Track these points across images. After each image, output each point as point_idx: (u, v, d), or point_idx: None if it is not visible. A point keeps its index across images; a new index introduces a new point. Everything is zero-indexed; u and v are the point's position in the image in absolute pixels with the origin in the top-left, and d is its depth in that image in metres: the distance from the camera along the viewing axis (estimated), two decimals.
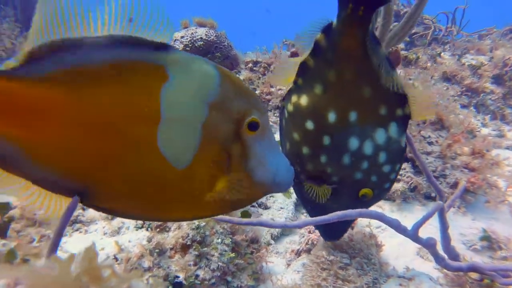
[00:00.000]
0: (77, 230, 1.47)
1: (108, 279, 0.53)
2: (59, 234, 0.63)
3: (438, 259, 1.47)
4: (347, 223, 1.44)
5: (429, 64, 4.68)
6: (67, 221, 0.63)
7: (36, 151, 0.55)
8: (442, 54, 5.11)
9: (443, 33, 5.66)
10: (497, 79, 4.56)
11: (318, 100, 1.06)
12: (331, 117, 1.06)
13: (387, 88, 1.03)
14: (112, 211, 0.68)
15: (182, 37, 3.57)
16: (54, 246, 0.74)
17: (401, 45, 5.69)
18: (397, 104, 1.05)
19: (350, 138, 1.07)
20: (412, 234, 1.41)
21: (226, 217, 1.23)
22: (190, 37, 3.52)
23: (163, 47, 0.61)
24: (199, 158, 0.63)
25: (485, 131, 3.94)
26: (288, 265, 1.87)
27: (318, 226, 1.50)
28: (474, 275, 1.50)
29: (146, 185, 0.62)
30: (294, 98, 1.11)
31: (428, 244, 1.44)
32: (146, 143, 0.59)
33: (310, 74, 1.07)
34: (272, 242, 2.07)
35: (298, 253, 1.90)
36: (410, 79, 3.00)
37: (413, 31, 5.79)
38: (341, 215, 1.20)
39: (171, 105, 0.60)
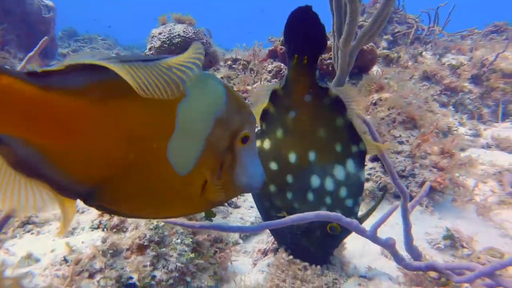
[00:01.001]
0: (28, 231, 1.43)
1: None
2: None
3: (398, 259, 1.48)
4: (331, 248, 1.47)
5: (410, 63, 4.71)
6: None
7: (56, 157, 0.57)
8: (423, 53, 5.16)
9: (425, 33, 5.71)
10: (475, 79, 4.62)
11: (280, 143, 1.17)
12: (292, 157, 1.16)
13: (340, 127, 1.11)
14: (114, 212, 0.72)
15: (160, 33, 3.52)
16: None
17: (384, 44, 5.73)
18: (351, 141, 1.13)
19: (311, 176, 1.16)
20: (371, 235, 1.41)
21: (179, 220, 1.22)
22: (168, 33, 3.47)
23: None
24: (198, 167, 0.69)
25: (462, 130, 3.99)
26: (255, 264, 1.85)
27: (302, 256, 1.49)
28: (433, 274, 1.51)
29: (151, 189, 0.67)
30: (258, 143, 1.20)
31: (387, 245, 1.45)
32: (158, 153, 0.64)
33: (272, 120, 1.17)
34: (241, 241, 2.05)
35: (265, 253, 1.89)
36: (386, 78, 3.01)
37: (396, 30, 5.82)
38: (295, 218, 1.19)
39: (184, 120, 0.64)
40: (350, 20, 1.72)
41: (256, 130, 1.18)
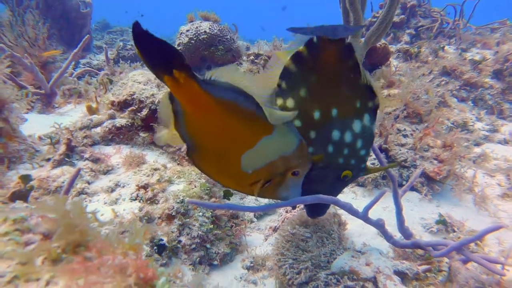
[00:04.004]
0: (83, 199, 1.77)
1: (90, 219, 0.80)
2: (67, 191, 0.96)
3: (387, 236, 1.70)
4: (339, 191, 1.66)
5: (430, 58, 4.74)
6: (74, 181, 0.92)
7: (188, 119, 1.00)
8: (446, 47, 5.15)
9: (450, 26, 5.66)
10: (498, 74, 4.60)
11: (304, 102, 1.26)
12: (316, 115, 1.26)
13: (360, 85, 1.23)
14: (200, 169, 1.12)
15: (187, 30, 3.80)
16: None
17: (407, 38, 5.74)
18: (368, 98, 1.26)
19: (333, 130, 1.28)
20: (363, 216, 1.64)
21: (199, 201, 1.49)
22: (195, 30, 3.75)
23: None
24: (254, 174, 1.09)
25: (479, 125, 4.04)
26: (266, 239, 2.13)
27: (305, 205, 1.73)
28: (420, 251, 1.72)
29: (223, 167, 1.08)
30: (279, 101, 1.28)
31: (378, 224, 1.67)
32: (236, 153, 1.05)
33: (293, 79, 1.26)
34: (255, 220, 2.33)
35: (275, 230, 2.15)
36: (399, 74, 3.16)
37: (420, 24, 5.81)
38: (297, 201, 1.42)
39: (261, 147, 1.04)
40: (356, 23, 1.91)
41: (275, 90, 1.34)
